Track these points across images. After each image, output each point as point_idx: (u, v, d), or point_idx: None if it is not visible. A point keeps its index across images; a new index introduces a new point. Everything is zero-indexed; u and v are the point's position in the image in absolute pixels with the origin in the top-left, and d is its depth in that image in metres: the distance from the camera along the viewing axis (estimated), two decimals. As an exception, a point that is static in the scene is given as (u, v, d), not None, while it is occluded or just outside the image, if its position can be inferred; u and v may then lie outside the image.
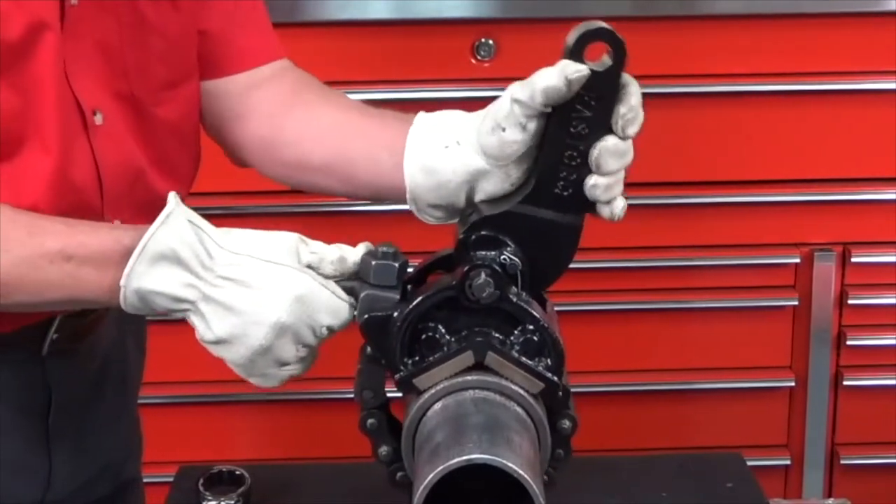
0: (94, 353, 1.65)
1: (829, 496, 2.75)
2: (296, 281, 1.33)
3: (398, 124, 1.49)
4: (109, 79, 1.50)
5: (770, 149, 2.69)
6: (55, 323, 1.55)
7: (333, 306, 1.34)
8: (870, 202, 2.72)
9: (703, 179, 2.71)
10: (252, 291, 1.32)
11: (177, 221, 1.32)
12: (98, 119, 1.49)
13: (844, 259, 2.74)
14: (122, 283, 1.33)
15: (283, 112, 1.62)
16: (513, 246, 1.34)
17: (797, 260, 2.73)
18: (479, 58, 2.62)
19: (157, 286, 1.32)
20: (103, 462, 1.70)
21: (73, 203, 1.46)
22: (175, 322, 1.39)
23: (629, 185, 1.37)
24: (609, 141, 1.32)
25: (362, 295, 1.35)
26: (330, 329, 1.36)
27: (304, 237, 1.38)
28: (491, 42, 2.61)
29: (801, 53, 2.64)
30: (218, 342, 1.34)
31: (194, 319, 1.34)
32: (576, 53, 1.29)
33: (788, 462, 2.82)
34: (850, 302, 2.75)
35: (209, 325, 1.33)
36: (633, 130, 1.33)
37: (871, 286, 2.75)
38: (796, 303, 2.75)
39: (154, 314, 1.38)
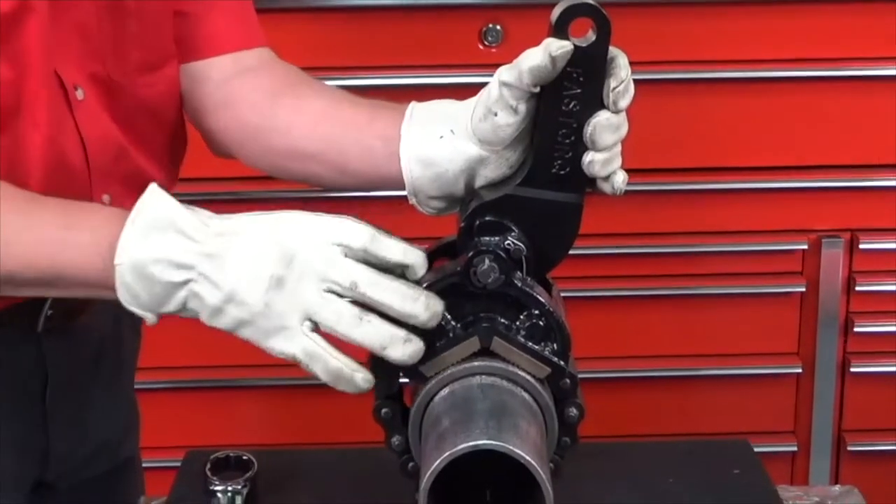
0: (90, 331, 1.65)
1: (836, 483, 2.75)
2: (288, 214, 1.27)
3: (390, 114, 1.48)
4: (85, 60, 1.50)
5: (778, 135, 2.68)
6: (49, 299, 1.54)
7: (334, 224, 1.26)
8: (878, 189, 2.72)
9: (711, 166, 2.70)
10: (246, 235, 1.26)
11: (165, 195, 1.28)
12: (80, 94, 1.49)
13: (852, 246, 2.73)
14: (116, 260, 1.26)
15: (272, 100, 1.60)
16: (516, 230, 1.33)
17: (805, 246, 2.72)
18: (486, 43, 2.61)
19: (155, 253, 1.25)
20: (100, 440, 1.71)
21: (62, 177, 1.46)
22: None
23: (635, 172, 1.37)
24: (602, 116, 1.31)
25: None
26: (349, 248, 1.24)
27: None
28: (499, 27, 2.60)
29: (808, 39, 2.64)
30: (228, 300, 1.25)
31: (198, 289, 1.26)
32: (559, 30, 1.28)
33: (795, 448, 2.82)
34: (857, 288, 2.75)
35: (215, 284, 1.25)
36: (624, 103, 1.31)
37: (878, 273, 2.75)
38: (804, 289, 2.75)
39: (149, 302, 1.29)
